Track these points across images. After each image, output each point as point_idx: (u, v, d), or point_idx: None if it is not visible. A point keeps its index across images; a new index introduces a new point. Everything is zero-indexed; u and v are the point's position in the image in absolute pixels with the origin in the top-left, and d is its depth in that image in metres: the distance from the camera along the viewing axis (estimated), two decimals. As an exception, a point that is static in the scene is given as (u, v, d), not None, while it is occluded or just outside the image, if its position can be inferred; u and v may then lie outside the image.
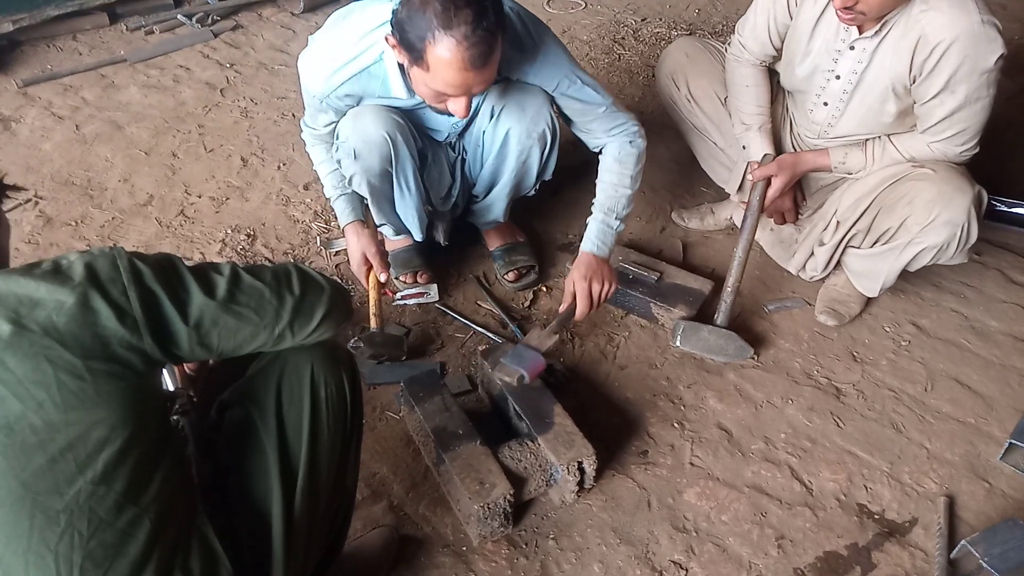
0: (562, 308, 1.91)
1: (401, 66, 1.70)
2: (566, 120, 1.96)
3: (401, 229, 2.10)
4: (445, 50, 1.48)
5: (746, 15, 2.07)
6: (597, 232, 1.92)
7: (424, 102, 1.75)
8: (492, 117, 1.91)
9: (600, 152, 1.98)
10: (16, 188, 1.10)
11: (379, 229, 2.13)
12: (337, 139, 1.89)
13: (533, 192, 2.15)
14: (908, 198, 1.89)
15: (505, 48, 1.60)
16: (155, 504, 0.97)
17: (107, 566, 0.94)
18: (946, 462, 1.81)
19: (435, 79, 1.56)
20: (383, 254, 1.95)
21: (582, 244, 1.93)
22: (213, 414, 1.21)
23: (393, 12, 1.55)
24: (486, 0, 1.50)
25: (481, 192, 2.12)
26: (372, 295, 1.95)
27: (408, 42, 1.52)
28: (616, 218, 1.94)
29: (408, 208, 2.00)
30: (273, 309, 1.07)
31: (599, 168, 1.97)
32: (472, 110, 1.92)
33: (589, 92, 1.87)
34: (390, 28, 1.57)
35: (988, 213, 1.92)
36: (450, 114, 1.71)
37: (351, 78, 1.75)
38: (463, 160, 2.09)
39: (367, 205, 2.03)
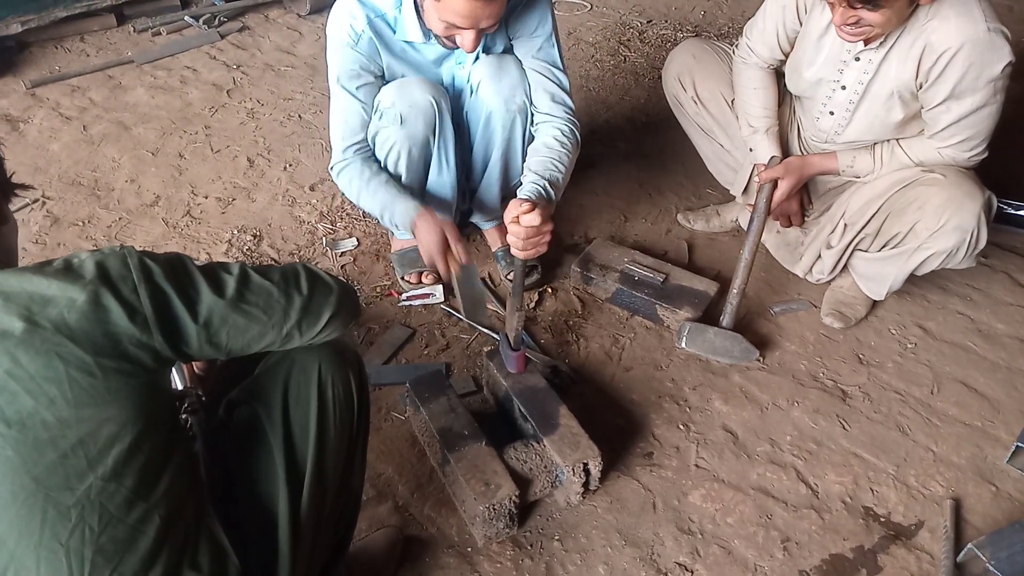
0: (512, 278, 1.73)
1: (416, 8, 1.77)
2: None
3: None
4: None
5: (755, 18, 2.06)
6: (532, 189, 1.74)
7: (439, 47, 1.83)
8: (472, 93, 1.94)
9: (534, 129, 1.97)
10: (24, 187, 1.10)
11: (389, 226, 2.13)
12: (378, 108, 1.89)
13: None
14: (918, 203, 1.89)
15: None
16: (165, 500, 0.98)
17: (117, 561, 0.95)
18: (952, 465, 1.81)
19: (445, 9, 1.64)
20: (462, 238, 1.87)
21: (520, 193, 1.75)
22: (221, 413, 1.21)
23: None
24: None
25: (476, 180, 2.13)
26: (456, 277, 1.85)
27: None
28: (551, 185, 1.77)
29: (444, 186, 2.03)
30: (281, 308, 1.07)
31: (531, 147, 1.92)
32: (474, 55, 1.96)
33: (555, 56, 1.96)
34: None
35: (996, 216, 1.91)
36: (455, 47, 1.79)
37: (376, 17, 1.81)
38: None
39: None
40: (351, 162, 1.94)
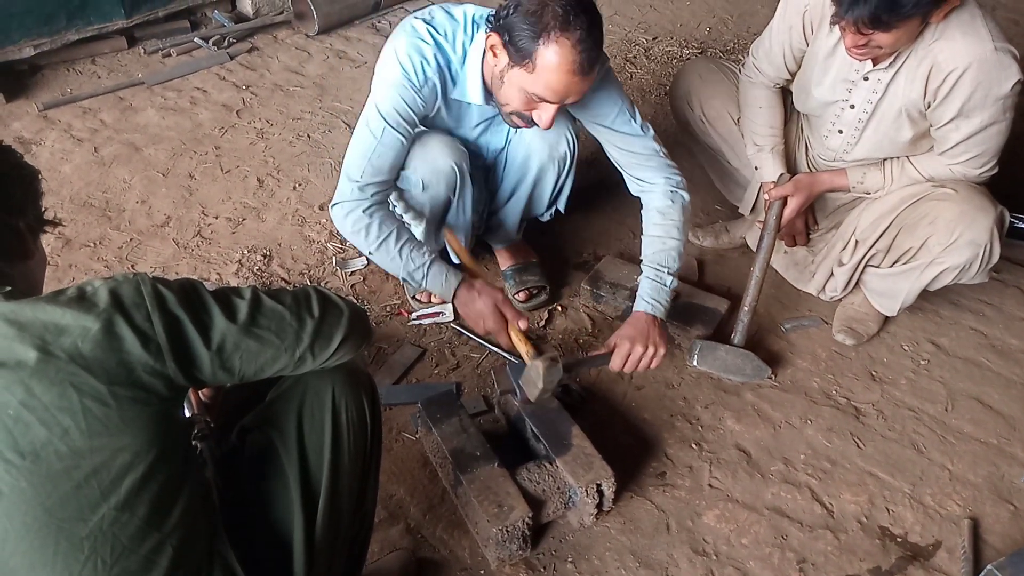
0: (595, 353, 1.81)
1: (482, 70, 1.69)
2: (609, 155, 1.94)
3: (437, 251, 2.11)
4: (558, 52, 1.50)
5: (761, 38, 2.06)
6: (650, 290, 1.83)
7: (490, 110, 1.76)
8: (517, 131, 1.93)
9: (640, 199, 1.94)
10: (55, 223, 1.11)
11: None
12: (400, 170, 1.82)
13: (546, 218, 2.16)
14: (929, 218, 1.88)
15: None
16: (177, 530, 0.97)
17: None
18: (969, 484, 1.79)
19: (537, 82, 1.55)
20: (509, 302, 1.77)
21: (635, 304, 1.83)
22: (234, 439, 1.21)
23: (497, 13, 1.57)
24: (597, 13, 1.53)
25: (499, 204, 2.14)
26: (521, 347, 1.70)
27: (517, 42, 1.53)
28: (668, 273, 1.84)
29: (457, 230, 2.03)
30: (293, 332, 1.07)
31: (643, 221, 1.91)
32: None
33: (636, 130, 1.85)
34: (490, 28, 1.58)
35: (1008, 231, 1.90)
36: (530, 124, 1.68)
37: (440, 67, 1.70)
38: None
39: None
40: (370, 210, 1.73)
